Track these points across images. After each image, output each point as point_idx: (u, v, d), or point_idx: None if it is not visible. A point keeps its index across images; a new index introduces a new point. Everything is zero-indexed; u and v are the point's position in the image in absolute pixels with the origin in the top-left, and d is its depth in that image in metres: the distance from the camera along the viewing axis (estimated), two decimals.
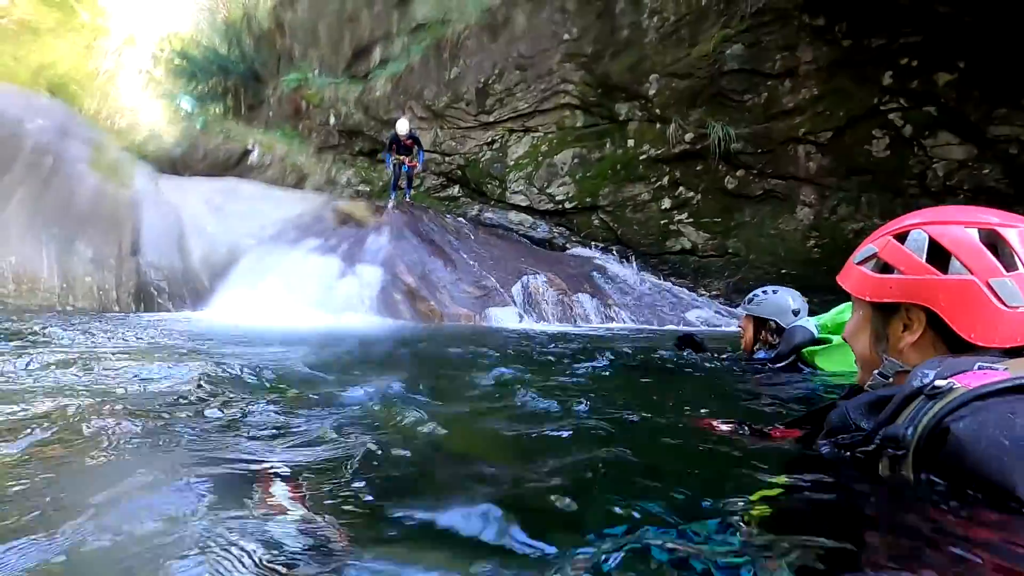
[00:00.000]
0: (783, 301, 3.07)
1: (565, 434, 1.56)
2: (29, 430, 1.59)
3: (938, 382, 0.87)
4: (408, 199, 10.00)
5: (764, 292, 3.15)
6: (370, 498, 1.10)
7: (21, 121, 7.98)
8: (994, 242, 0.96)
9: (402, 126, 9.43)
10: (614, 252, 8.85)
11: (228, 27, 13.49)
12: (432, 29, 10.70)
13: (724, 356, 3.40)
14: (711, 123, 7.79)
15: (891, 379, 1.07)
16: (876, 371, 1.10)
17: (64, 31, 9.82)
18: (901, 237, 1.05)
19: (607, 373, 3.09)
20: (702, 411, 1.93)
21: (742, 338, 3.19)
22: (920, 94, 6.75)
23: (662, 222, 8.50)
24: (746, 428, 1.44)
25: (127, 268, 8.26)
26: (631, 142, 8.73)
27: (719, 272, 8.13)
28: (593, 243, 9.09)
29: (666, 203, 8.45)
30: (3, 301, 7.45)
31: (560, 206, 9.38)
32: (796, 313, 3.04)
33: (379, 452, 1.43)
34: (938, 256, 0.99)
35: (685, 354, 3.58)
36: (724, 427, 1.49)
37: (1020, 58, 5.99)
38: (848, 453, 0.97)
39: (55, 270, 7.79)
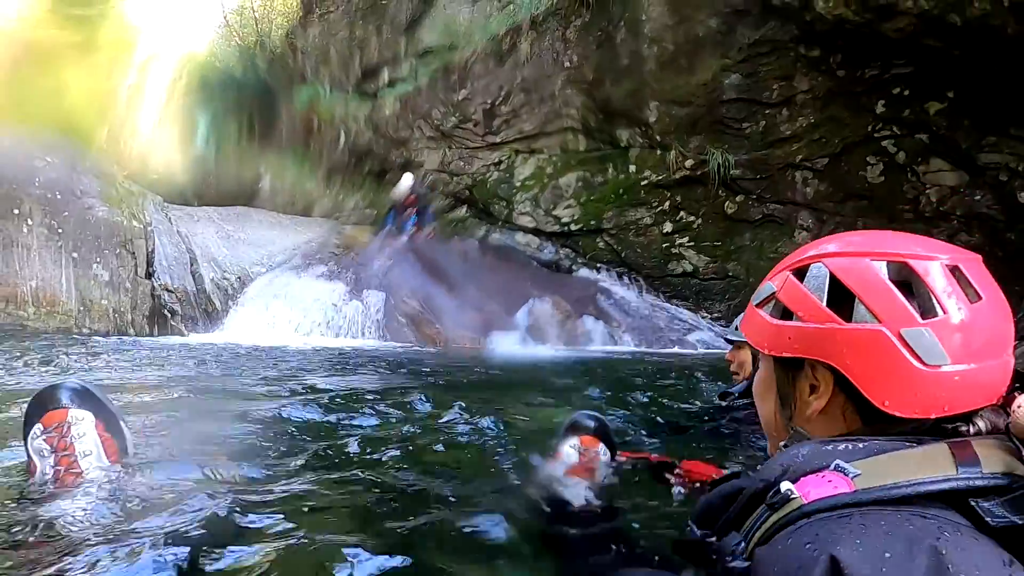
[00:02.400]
0: None
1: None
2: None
3: (783, 485, 0.70)
4: (423, 228, 9.93)
5: None
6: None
7: (30, 159, 8.29)
8: (908, 279, 0.76)
9: (407, 180, 9.57)
10: (618, 275, 9.00)
11: (242, 51, 13.87)
12: (439, 55, 10.98)
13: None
14: (711, 150, 8.00)
15: None
16: (782, 443, 0.88)
17: (85, 51, 10.08)
18: (800, 273, 0.84)
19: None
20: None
21: None
22: (912, 122, 6.95)
23: (664, 245, 8.67)
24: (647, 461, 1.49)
25: (142, 291, 8.50)
26: (632, 167, 8.94)
27: (720, 295, 8.29)
28: (598, 265, 9.25)
29: (668, 227, 8.63)
30: (23, 324, 7.70)
31: (566, 228, 9.56)
32: None
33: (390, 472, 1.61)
34: (840, 298, 0.79)
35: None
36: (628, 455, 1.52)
37: (1007, 88, 6.18)
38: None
39: (73, 293, 8.04)
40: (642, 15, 8.35)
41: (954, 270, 0.76)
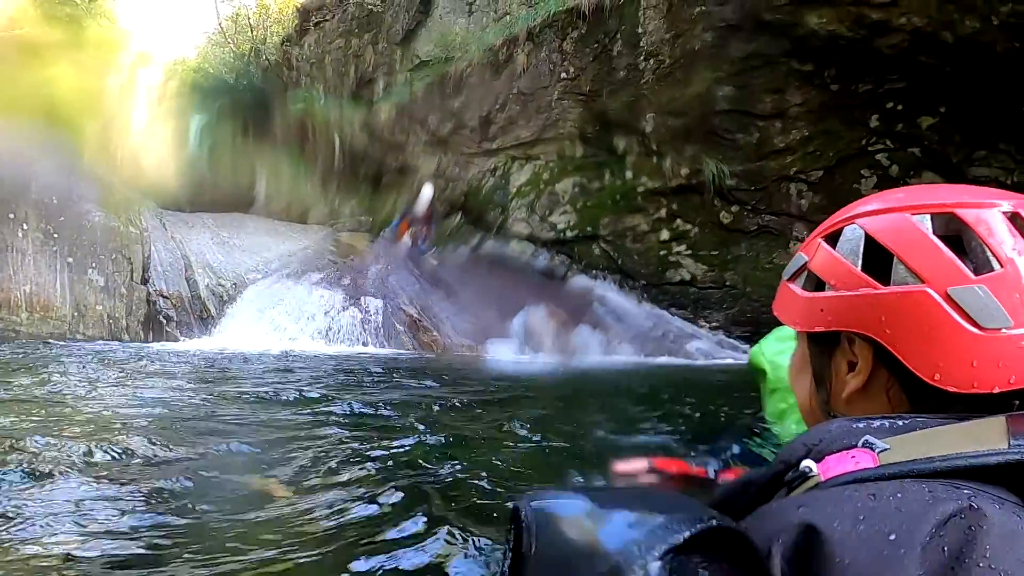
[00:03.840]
0: None
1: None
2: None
3: (805, 464, 0.61)
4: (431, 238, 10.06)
5: None
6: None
7: (28, 162, 8.24)
8: (958, 232, 0.65)
9: (427, 191, 9.65)
10: (615, 282, 9.03)
11: (236, 58, 13.87)
12: (435, 65, 11.04)
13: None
14: (705, 161, 8.10)
15: None
16: None
17: (71, 48, 10.00)
18: (832, 237, 0.73)
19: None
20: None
21: None
22: (905, 136, 7.10)
23: (661, 253, 8.73)
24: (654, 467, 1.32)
25: (137, 297, 8.44)
26: (629, 174, 9.02)
27: (718, 304, 8.35)
28: (594, 272, 9.27)
29: (664, 235, 8.70)
30: (16, 329, 7.61)
31: (562, 235, 9.59)
32: None
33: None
34: (877, 259, 0.68)
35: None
36: (624, 467, 1.35)
37: (997, 104, 6.34)
38: None
39: (68, 298, 7.97)
40: (639, 29, 8.48)
41: (1014, 217, 0.63)
